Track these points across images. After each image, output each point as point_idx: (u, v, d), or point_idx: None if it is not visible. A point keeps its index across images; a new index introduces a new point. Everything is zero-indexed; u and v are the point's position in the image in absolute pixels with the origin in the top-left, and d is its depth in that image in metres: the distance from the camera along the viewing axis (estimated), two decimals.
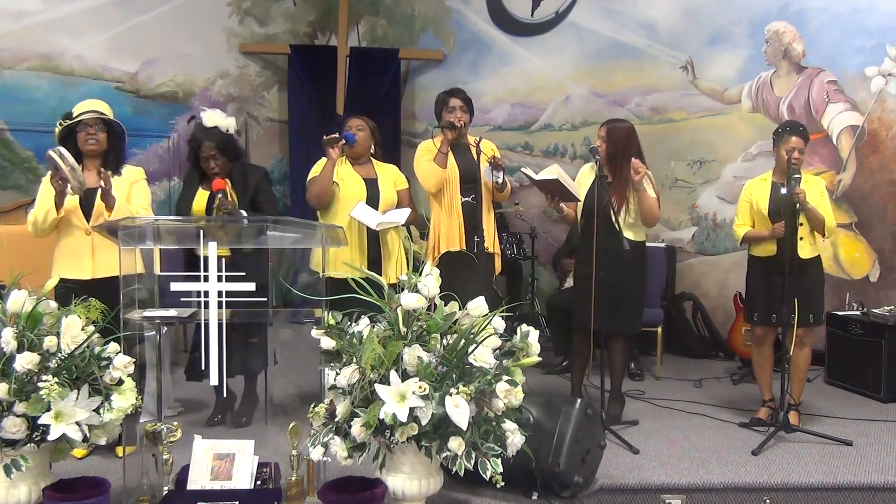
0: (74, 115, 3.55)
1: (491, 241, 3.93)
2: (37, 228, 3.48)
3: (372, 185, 3.85)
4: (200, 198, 3.81)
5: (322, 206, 3.84)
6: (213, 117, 3.85)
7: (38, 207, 3.49)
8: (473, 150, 3.86)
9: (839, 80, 5.49)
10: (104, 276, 3.40)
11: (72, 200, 3.45)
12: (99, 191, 3.45)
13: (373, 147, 3.99)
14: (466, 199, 3.90)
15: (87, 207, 3.50)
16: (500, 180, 3.88)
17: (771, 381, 4.13)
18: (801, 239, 3.84)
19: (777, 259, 3.87)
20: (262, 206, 3.87)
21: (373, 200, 3.81)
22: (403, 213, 3.78)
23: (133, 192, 3.62)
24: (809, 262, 3.90)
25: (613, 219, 3.85)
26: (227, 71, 6.66)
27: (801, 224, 3.82)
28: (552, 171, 3.83)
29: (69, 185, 3.34)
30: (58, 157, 3.30)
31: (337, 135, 3.81)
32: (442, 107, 4.03)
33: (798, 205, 3.73)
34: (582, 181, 4.09)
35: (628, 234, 3.90)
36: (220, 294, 2.78)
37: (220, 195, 3.65)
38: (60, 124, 3.56)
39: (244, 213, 3.72)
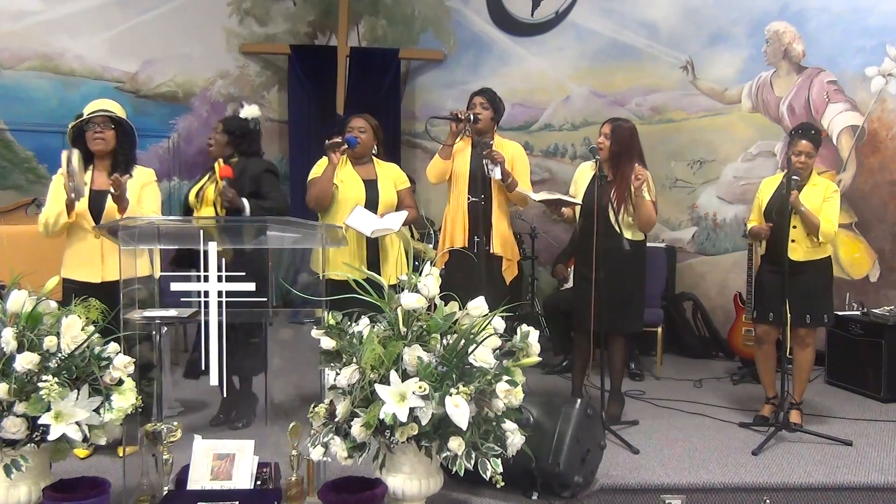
0: (85, 115, 3.54)
1: (498, 244, 3.93)
2: (48, 230, 3.45)
3: (371, 187, 3.83)
4: (198, 185, 3.91)
5: (321, 208, 3.82)
6: (247, 111, 4.00)
7: (48, 208, 3.46)
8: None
9: (839, 80, 5.49)
10: (114, 280, 3.32)
11: (81, 203, 3.41)
12: (110, 194, 3.40)
13: (375, 146, 3.97)
14: (475, 198, 3.89)
15: (96, 210, 3.46)
16: (498, 175, 3.86)
17: (774, 379, 4.13)
18: (793, 241, 3.83)
19: (773, 258, 3.95)
20: (266, 195, 3.86)
21: (372, 202, 3.78)
22: (399, 219, 3.69)
23: (144, 195, 3.58)
24: (808, 265, 3.89)
25: (613, 219, 3.84)
26: (227, 71, 6.67)
27: (795, 227, 3.83)
28: (547, 194, 3.87)
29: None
30: (64, 159, 3.26)
31: (339, 139, 3.76)
32: (467, 107, 4.02)
33: (790, 206, 3.76)
34: (580, 179, 4.09)
35: (627, 234, 3.88)
36: (220, 294, 2.78)
37: (224, 182, 3.68)
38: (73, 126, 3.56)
39: (246, 202, 3.73)
